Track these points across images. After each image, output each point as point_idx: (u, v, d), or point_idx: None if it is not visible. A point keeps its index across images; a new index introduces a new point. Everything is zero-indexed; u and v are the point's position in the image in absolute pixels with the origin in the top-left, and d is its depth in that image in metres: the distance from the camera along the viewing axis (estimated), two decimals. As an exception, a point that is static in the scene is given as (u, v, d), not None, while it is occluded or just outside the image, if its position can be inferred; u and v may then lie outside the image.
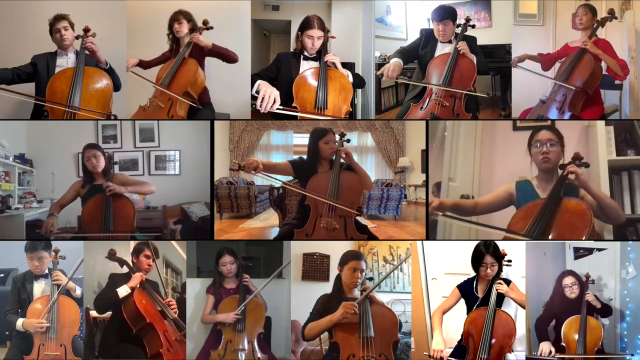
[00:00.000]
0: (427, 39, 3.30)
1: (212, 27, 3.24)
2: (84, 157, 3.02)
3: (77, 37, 3.07)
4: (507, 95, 3.42)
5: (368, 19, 3.72)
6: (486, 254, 2.81)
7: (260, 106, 3.01)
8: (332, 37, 3.17)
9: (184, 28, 3.25)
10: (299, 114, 3.05)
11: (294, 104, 3.07)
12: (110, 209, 2.92)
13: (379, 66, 3.75)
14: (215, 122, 3.18)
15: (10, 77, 3.02)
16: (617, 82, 3.29)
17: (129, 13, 3.33)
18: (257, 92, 3.06)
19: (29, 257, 2.98)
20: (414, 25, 3.72)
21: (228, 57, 3.23)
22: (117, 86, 3.14)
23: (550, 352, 2.83)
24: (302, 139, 7.20)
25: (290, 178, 3.01)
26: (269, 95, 3.00)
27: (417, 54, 3.33)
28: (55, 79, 3.00)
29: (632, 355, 2.89)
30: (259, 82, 3.09)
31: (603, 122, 3.06)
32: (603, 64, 3.16)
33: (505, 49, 3.47)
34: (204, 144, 3.18)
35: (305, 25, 3.13)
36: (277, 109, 3.02)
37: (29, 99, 2.98)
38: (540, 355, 2.84)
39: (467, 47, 3.12)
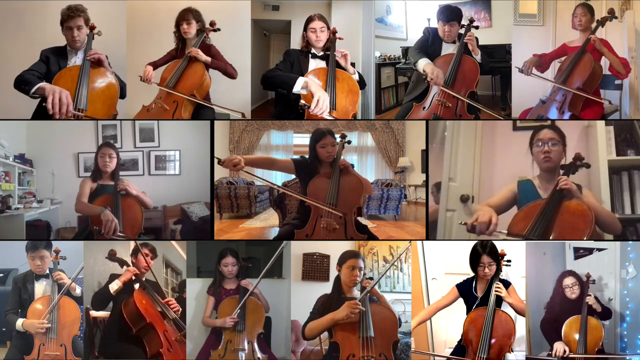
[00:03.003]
0: (433, 38, 3.30)
1: (219, 29, 3.21)
2: (99, 153, 3.02)
3: None
4: (507, 95, 3.42)
5: (368, 19, 3.71)
6: (483, 253, 2.81)
7: (314, 109, 2.91)
8: (340, 39, 3.15)
9: (192, 29, 3.17)
10: (332, 119, 3.00)
11: (301, 102, 3.03)
12: (119, 210, 2.92)
13: (379, 66, 3.76)
14: (215, 122, 3.18)
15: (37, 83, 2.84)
16: (617, 82, 3.29)
17: (129, 13, 3.32)
18: (304, 88, 2.96)
19: (31, 256, 2.98)
20: (414, 25, 3.72)
21: (227, 72, 3.20)
22: (122, 94, 3.10)
23: (565, 351, 2.79)
24: (302, 139, 7.21)
25: (292, 177, 3.00)
26: (323, 101, 2.91)
27: (426, 50, 3.33)
28: (59, 76, 2.93)
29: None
30: (306, 80, 2.97)
31: (603, 122, 3.06)
32: (603, 64, 3.16)
33: (505, 49, 3.47)
34: (204, 144, 3.17)
35: (307, 21, 3.14)
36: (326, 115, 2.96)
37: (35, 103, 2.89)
38: (555, 355, 2.81)
39: (475, 40, 3.12)
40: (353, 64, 3.52)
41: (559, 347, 2.82)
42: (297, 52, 3.21)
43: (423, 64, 3.17)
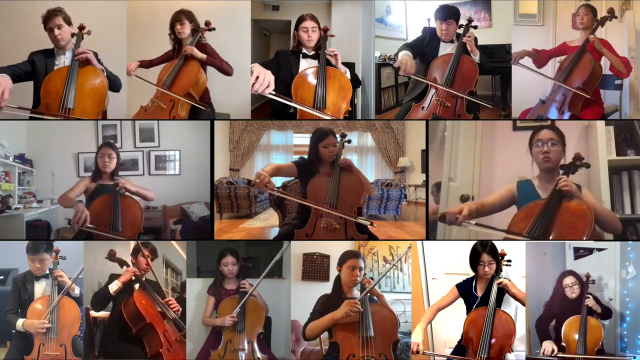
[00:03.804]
0: (431, 37, 3.30)
1: (214, 28, 3.23)
2: (99, 153, 3.03)
3: (72, 35, 3.03)
4: (507, 95, 3.42)
5: (368, 19, 3.72)
6: (483, 252, 2.81)
7: (253, 87, 2.89)
8: (332, 36, 3.17)
9: (186, 29, 3.20)
10: (296, 105, 3.02)
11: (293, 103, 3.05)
12: (119, 210, 2.92)
13: (379, 66, 3.76)
14: (215, 122, 3.18)
15: (9, 77, 2.93)
16: (617, 81, 3.29)
17: (129, 13, 3.33)
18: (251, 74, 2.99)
19: (31, 258, 2.98)
20: (414, 25, 3.72)
21: (222, 69, 3.21)
22: (116, 88, 3.12)
23: (553, 350, 2.83)
24: (302, 139, 7.20)
25: (290, 177, 3.01)
26: (264, 77, 2.90)
27: (422, 50, 3.33)
28: (50, 78, 2.97)
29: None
30: (253, 64, 2.99)
31: (603, 122, 3.06)
32: (603, 64, 3.16)
33: (505, 49, 3.48)
34: (204, 144, 3.18)
35: (298, 20, 3.15)
36: (270, 93, 2.96)
37: (25, 112, 2.95)
38: (543, 354, 2.83)
39: (473, 40, 3.12)
40: (353, 64, 3.52)
41: (548, 346, 2.84)
42: (287, 52, 3.22)
43: (400, 55, 3.18)
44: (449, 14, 3.22)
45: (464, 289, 2.89)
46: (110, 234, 2.89)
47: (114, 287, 2.87)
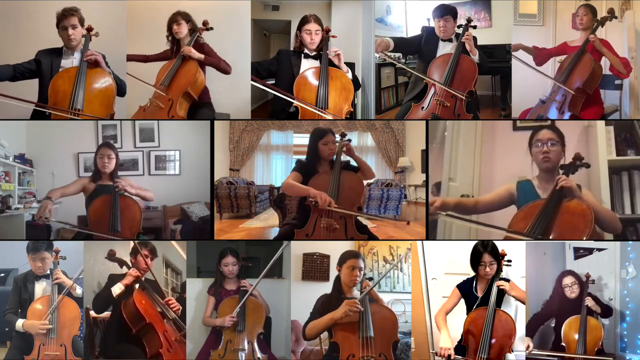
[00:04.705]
0: (429, 37, 3.31)
1: (212, 28, 3.24)
2: (98, 154, 3.02)
3: (82, 36, 3.04)
4: (507, 95, 3.42)
5: (368, 19, 3.71)
6: (484, 252, 2.81)
7: None
8: (334, 37, 3.17)
9: (183, 29, 3.22)
10: (296, 103, 3.05)
11: (294, 104, 3.07)
12: (118, 210, 2.92)
13: (379, 66, 3.76)
14: (215, 122, 3.19)
15: (12, 74, 2.96)
16: (617, 81, 3.29)
17: (129, 13, 3.33)
18: None
19: (32, 258, 2.97)
20: (414, 25, 3.72)
21: (220, 68, 3.22)
22: (122, 92, 3.12)
23: (528, 346, 2.89)
24: (302, 139, 7.21)
25: None
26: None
27: (418, 48, 3.34)
28: (57, 77, 2.97)
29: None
30: None
31: (603, 122, 3.06)
32: (603, 64, 3.16)
33: (505, 49, 3.48)
34: (204, 144, 3.18)
35: (302, 21, 3.16)
36: (252, 79, 3.04)
37: (31, 105, 2.96)
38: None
39: (472, 40, 3.12)
40: (353, 64, 3.52)
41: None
42: (289, 52, 3.24)
43: (383, 39, 3.29)
44: (445, 11, 3.24)
45: (465, 289, 2.89)
46: (108, 234, 2.89)
47: (116, 290, 2.86)
